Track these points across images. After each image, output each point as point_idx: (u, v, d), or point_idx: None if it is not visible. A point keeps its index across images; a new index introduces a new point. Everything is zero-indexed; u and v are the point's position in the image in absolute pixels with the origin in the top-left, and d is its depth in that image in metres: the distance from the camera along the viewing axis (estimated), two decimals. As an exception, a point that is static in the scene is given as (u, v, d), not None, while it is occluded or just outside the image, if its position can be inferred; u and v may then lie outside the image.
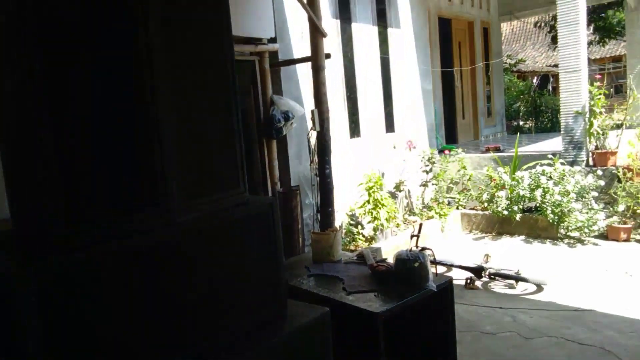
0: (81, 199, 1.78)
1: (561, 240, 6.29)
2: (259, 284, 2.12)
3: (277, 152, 5.43)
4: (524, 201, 6.50)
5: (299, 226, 5.08)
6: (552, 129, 13.35)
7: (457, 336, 2.94)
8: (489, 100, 10.52)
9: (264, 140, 5.34)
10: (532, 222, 6.58)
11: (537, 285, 4.77)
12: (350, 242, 5.86)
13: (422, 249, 3.13)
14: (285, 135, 5.34)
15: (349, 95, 6.62)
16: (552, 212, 6.18)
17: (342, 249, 3.71)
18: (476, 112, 10.00)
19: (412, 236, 3.64)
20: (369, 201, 5.97)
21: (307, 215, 5.59)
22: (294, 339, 2.05)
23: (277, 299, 2.15)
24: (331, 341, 2.19)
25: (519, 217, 6.47)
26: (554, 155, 6.72)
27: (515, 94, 16.08)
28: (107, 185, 1.83)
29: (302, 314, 2.16)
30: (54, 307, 1.50)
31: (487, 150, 7.94)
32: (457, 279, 4.50)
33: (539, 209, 6.43)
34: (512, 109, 15.39)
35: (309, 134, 5.45)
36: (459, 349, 2.95)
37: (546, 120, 14.87)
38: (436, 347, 2.97)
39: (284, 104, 5.27)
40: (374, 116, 7.05)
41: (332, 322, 2.20)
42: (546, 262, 5.56)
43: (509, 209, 6.49)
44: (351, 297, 2.73)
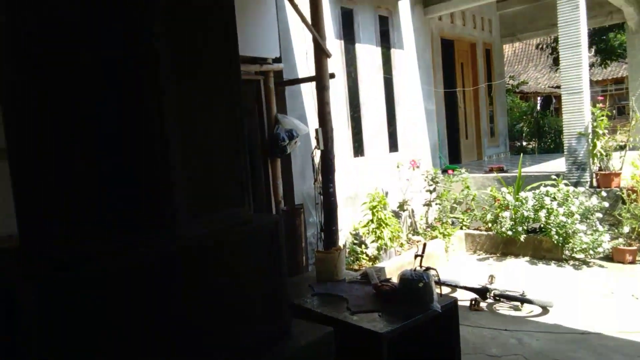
0: (88, 213, 1.78)
1: (566, 261, 6.24)
2: (262, 302, 2.10)
3: (281, 171, 5.44)
4: (528, 222, 6.47)
5: (303, 245, 5.06)
6: (556, 150, 13.36)
7: (462, 359, 2.90)
8: (492, 120, 10.56)
9: (268, 158, 5.36)
10: (536, 243, 6.53)
11: (543, 307, 4.72)
12: (354, 262, 5.82)
13: (426, 269, 3.11)
14: (289, 153, 5.36)
15: (352, 114, 6.66)
16: (557, 233, 6.14)
17: (345, 268, 3.69)
18: (479, 133, 10.03)
19: (416, 256, 3.62)
20: (372, 220, 5.95)
21: (311, 233, 5.57)
22: (298, 358, 2.03)
23: (280, 317, 2.13)
24: (335, 361, 2.17)
25: (523, 237, 6.43)
26: (557, 176, 6.71)
27: (518, 114, 16.16)
28: (114, 200, 1.83)
29: (306, 333, 2.14)
30: (59, 320, 1.50)
31: (491, 170, 7.94)
32: (461, 300, 4.45)
33: (543, 230, 6.40)
34: (515, 130, 15.44)
35: (313, 153, 5.47)
36: (464, 371, 2.91)
37: (549, 141, 14.89)
38: (441, 369, 2.93)
39: (289, 122, 5.30)
40: (378, 135, 7.08)
41: (336, 341, 2.17)
42: (551, 284, 5.51)
43: (513, 230, 6.46)
44: (355, 317, 2.70)
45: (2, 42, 1.68)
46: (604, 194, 6.32)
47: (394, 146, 7.42)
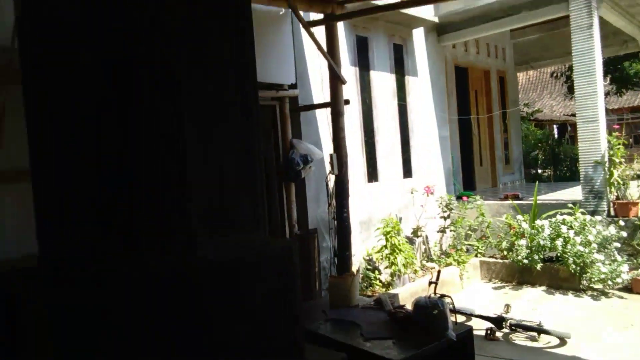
0: (106, 232, 1.81)
1: (584, 292, 6.11)
2: (275, 326, 2.10)
3: (296, 195, 5.46)
4: (545, 250, 6.37)
5: (316, 269, 5.04)
6: (572, 178, 13.21)
7: (478, 389, 2.84)
8: (506, 147, 10.52)
9: (283, 182, 5.39)
10: (553, 272, 6.42)
11: (560, 338, 4.61)
12: (367, 287, 5.77)
13: (441, 296, 3.08)
14: (303, 178, 5.39)
15: (366, 140, 6.70)
16: (574, 262, 6.04)
17: (359, 294, 3.66)
18: (494, 159, 9.99)
19: (430, 283, 3.59)
20: (386, 246, 5.92)
21: (324, 258, 5.55)
22: (311, 385, 2.01)
23: (294, 343, 2.12)
24: (349, 388, 2.14)
25: (539, 266, 6.33)
26: (574, 204, 6.63)
27: (533, 142, 16.07)
28: (131, 219, 1.87)
29: None
30: (77, 334, 1.52)
31: (506, 197, 7.88)
32: (477, 329, 4.37)
33: (560, 258, 6.30)
34: (530, 157, 15.34)
35: (327, 178, 5.50)
36: (480, 402, 2.84)
37: (565, 168, 14.75)
38: (456, 399, 2.87)
39: (303, 147, 5.35)
40: (392, 161, 7.10)
41: (350, 368, 2.15)
42: (569, 314, 5.39)
43: (530, 258, 6.36)
44: (369, 344, 2.67)
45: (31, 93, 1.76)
46: (621, 223, 6.22)
47: (408, 172, 7.42)
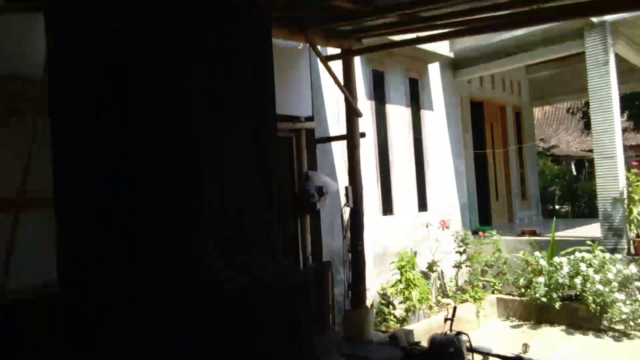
0: (125, 257, 1.83)
1: (605, 332, 5.92)
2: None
3: (310, 227, 5.46)
4: (563, 288, 6.23)
5: (330, 302, 4.98)
6: (590, 215, 12.98)
7: None
8: (523, 182, 10.43)
9: (298, 214, 5.40)
10: (572, 311, 6.25)
11: (581, 380, 4.45)
12: (381, 322, 5.67)
13: (457, 333, 3.02)
14: (318, 210, 5.39)
15: (382, 172, 6.72)
16: (594, 301, 5.88)
17: (373, 329, 3.61)
18: (510, 194, 9.90)
19: (445, 319, 3.52)
20: (401, 280, 5.84)
21: (338, 291, 5.49)
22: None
23: (308, 378, 2.09)
24: None
25: (558, 305, 6.17)
26: (593, 241, 6.51)
27: (550, 177, 15.92)
28: (149, 245, 1.89)
29: (333, 396, 2.08)
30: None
31: (523, 233, 7.77)
32: (493, 369, 4.25)
33: (579, 297, 6.14)
34: (547, 193, 15.17)
35: (342, 210, 5.50)
36: None
37: (583, 205, 14.53)
38: None
39: (319, 179, 5.37)
40: (407, 194, 7.08)
41: (364, 406, 2.11)
42: (589, 356, 5.21)
43: (548, 296, 6.21)
44: (383, 381, 2.62)
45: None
46: (643, 261, 6.08)
47: (423, 205, 7.38)
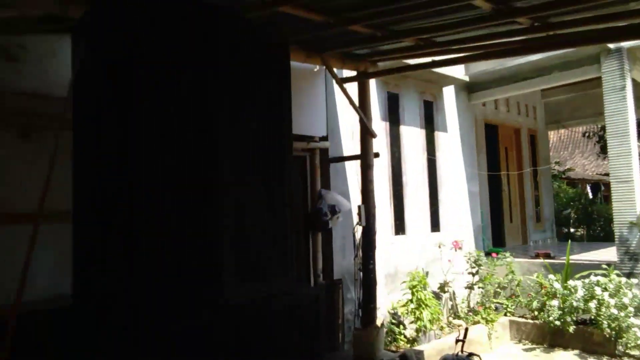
0: (143, 281, 1.91)
1: (620, 358, 5.82)
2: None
3: (322, 245, 5.50)
4: (578, 312, 6.15)
5: (340, 321, 5.00)
6: (606, 238, 12.80)
7: None
8: (537, 205, 10.36)
9: (310, 232, 5.45)
10: (587, 335, 6.16)
11: (595, 406, 4.39)
12: (391, 342, 5.64)
13: (469, 354, 3.03)
14: (331, 228, 5.44)
15: (395, 192, 6.76)
16: (609, 326, 5.80)
17: (383, 348, 3.62)
18: (524, 217, 9.84)
19: (457, 341, 3.52)
20: (412, 300, 5.83)
21: (349, 310, 5.50)
22: None
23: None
24: None
25: (572, 329, 6.09)
26: (608, 265, 6.44)
27: (565, 200, 15.75)
28: (168, 270, 1.96)
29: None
30: None
31: (537, 255, 7.70)
32: (505, 392, 4.21)
33: (594, 321, 6.06)
34: (562, 216, 15.00)
35: (354, 229, 5.54)
36: None
37: (599, 228, 14.32)
38: None
39: (332, 198, 5.44)
40: (420, 214, 7.10)
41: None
42: (604, 382, 5.13)
43: (562, 320, 6.14)
44: (392, 399, 2.63)
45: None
46: (659, 287, 5.99)
47: (435, 226, 7.38)
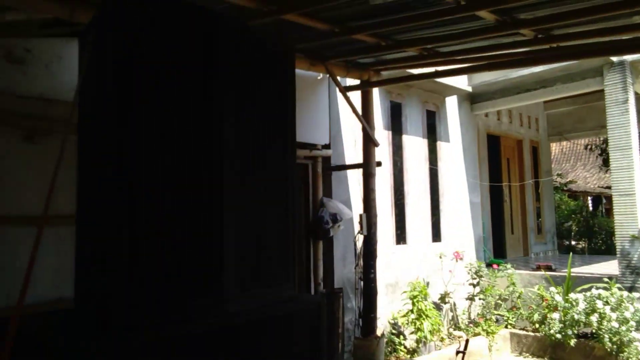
0: (144, 284, 1.90)
1: (622, 373, 5.77)
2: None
3: (323, 253, 5.49)
4: (579, 326, 6.11)
5: (340, 330, 4.97)
6: (607, 251, 12.76)
7: None
8: (539, 216, 10.34)
9: (311, 240, 5.44)
10: (588, 349, 6.11)
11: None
12: (391, 353, 5.61)
13: (468, 365, 3.00)
14: (332, 236, 5.43)
15: (396, 202, 6.75)
16: (610, 340, 5.76)
17: (383, 359, 3.59)
18: (526, 228, 9.82)
19: (457, 352, 3.50)
20: (412, 310, 5.80)
21: (349, 319, 5.47)
22: None
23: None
24: None
25: (573, 342, 6.05)
26: (610, 279, 6.40)
27: (566, 212, 15.72)
28: (169, 274, 1.96)
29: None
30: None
31: (539, 268, 7.67)
32: (505, 405, 4.17)
33: (595, 335, 6.01)
34: (563, 228, 14.96)
35: (355, 238, 5.52)
36: None
37: (600, 241, 14.28)
38: None
39: (333, 206, 5.43)
40: (421, 224, 7.09)
41: None
42: (605, 397, 5.08)
43: (563, 333, 6.10)
44: (392, 410, 2.61)
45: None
46: (661, 301, 5.96)
47: (437, 236, 7.37)
